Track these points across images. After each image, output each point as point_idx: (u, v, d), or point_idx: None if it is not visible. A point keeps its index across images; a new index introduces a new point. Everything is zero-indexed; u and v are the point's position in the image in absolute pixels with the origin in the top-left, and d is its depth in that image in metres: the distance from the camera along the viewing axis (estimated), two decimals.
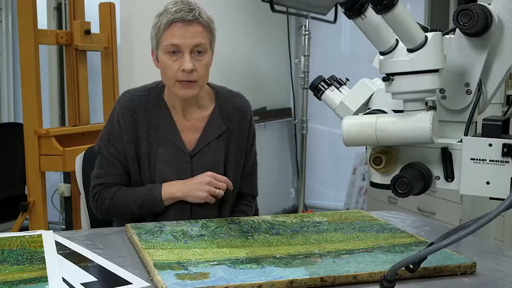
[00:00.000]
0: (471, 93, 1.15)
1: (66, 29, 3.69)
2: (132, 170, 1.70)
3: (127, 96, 1.73)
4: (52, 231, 1.47)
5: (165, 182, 1.67)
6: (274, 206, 4.26)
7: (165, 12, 1.61)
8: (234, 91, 1.82)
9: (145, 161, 1.69)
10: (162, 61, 1.63)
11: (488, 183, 1.08)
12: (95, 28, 3.28)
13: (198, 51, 1.61)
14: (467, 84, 1.15)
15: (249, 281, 1.11)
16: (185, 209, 1.66)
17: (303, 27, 3.66)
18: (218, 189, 1.65)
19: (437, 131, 1.10)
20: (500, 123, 1.08)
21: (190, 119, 1.73)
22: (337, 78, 1.32)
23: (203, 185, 1.63)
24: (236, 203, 1.81)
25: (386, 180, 1.17)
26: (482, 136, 1.09)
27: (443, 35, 1.12)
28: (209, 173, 1.65)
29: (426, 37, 1.05)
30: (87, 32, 3.18)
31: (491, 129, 1.08)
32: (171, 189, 1.65)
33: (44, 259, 1.25)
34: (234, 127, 1.76)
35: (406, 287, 1.17)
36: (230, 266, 1.19)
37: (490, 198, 1.09)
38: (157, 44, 1.64)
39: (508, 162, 1.06)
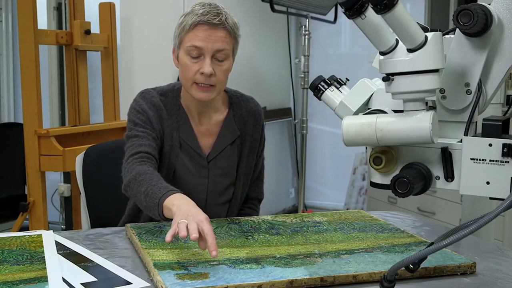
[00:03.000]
0: (471, 93, 1.15)
1: (66, 29, 3.69)
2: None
3: (150, 93, 1.68)
4: (52, 231, 1.47)
5: (182, 193, 1.42)
6: (274, 206, 4.25)
7: (192, 13, 1.58)
8: (246, 95, 1.80)
9: (165, 159, 1.65)
10: (182, 62, 1.60)
11: (488, 183, 1.08)
12: (95, 28, 3.28)
13: (219, 57, 1.58)
14: (467, 84, 1.15)
15: (249, 281, 1.11)
16: None
17: (303, 27, 3.65)
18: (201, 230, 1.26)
19: (437, 131, 1.10)
20: (500, 123, 1.08)
21: (205, 124, 1.70)
22: (337, 78, 1.32)
23: (191, 218, 1.26)
24: (242, 206, 1.81)
25: (386, 180, 1.18)
26: (482, 136, 1.09)
27: (443, 35, 1.12)
28: (207, 219, 1.28)
29: (426, 37, 1.05)
30: (87, 32, 3.17)
31: (491, 129, 1.08)
32: (175, 200, 1.37)
33: (44, 259, 1.25)
34: (248, 132, 1.75)
35: (406, 287, 1.17)
36: (230, 266, 1.19)
37: (490, 198, 1.10)
38: (179, 44, 1.61)
39: (508, 162, 1.06)
